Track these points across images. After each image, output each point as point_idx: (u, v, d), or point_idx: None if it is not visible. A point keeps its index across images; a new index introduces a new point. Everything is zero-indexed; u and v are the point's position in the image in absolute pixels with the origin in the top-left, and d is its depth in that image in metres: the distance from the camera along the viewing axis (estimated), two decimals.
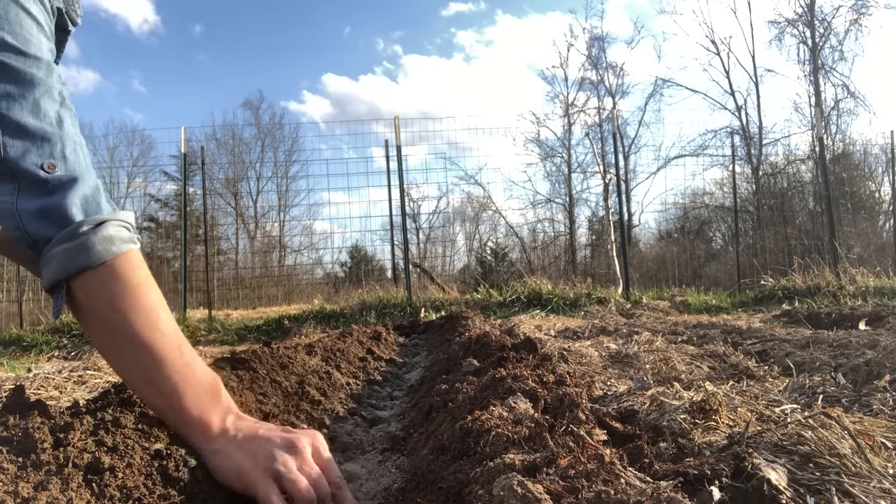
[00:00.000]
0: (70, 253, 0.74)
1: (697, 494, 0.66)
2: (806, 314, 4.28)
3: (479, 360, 1.85)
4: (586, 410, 0.96)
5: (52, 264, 0.74)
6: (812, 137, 14.75)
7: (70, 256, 0.74)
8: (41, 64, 0.77)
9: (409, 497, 0.92)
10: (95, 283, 0.75)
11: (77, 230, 0.74)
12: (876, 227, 12.71)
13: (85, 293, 0.76)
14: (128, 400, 0.93)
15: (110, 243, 0.76)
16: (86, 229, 0.75)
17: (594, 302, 6.41)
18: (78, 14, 0.96)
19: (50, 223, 0.74)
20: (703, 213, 14.16)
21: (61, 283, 0.75)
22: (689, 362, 2.06)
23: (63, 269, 0.74)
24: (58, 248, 0.74)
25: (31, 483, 0.66)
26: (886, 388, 1.35)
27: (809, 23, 17.44)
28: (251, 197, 19.61)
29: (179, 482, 0.77)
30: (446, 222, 16.26)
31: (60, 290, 0.75)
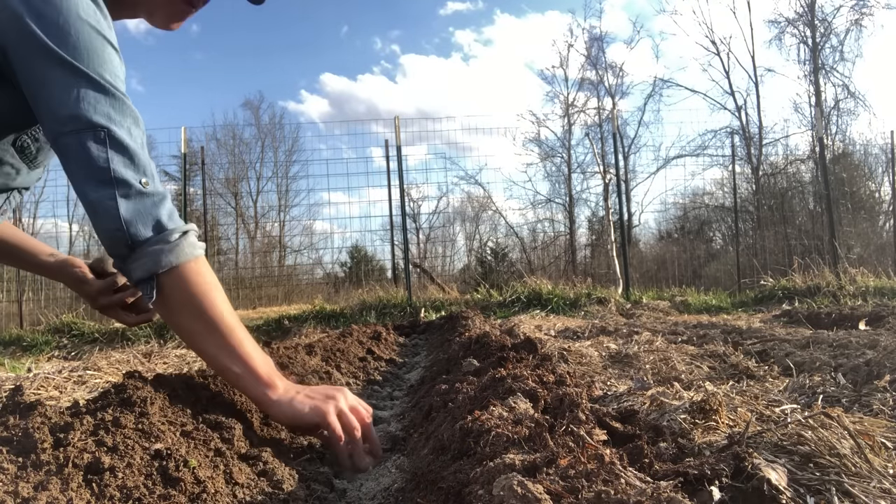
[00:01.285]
0: (165, 252, 0.92)
1: (697, 494, 0.66)
2: (806, 314, 4.28)
3: (479, 360, 1.85)
4: (586, 410, 0.96)
5: (146, 260, 0.92)
6: (812, 137, 14.75)
7: (164, 255, 0.92)
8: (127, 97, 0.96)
9: (408, 497, 0.92)
10: (184, 277, 0.94)
11: (170, 235, 0.94)
12: (876, 227, 12.71)
13: (173, 285, 0.94)
14: (128, 400, 0.93)
15: (193, 248, 0.97)
16: (177, 236, 0.94)
17: (594, 302, 6.41)
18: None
19: (148, 228, 0.92)
20: (703, 213, 14.16)
21: (153, 276, 0.93)
22: (689, 362, 2.06)
23: (158, 264, 0.92)
24: (153, 248, 0.92)
25: (31, 483, 0.66)
26: (886, 388, 1.35)
27: (810, 23, 17.45)
28: (251, 197, 19.62)
29: (179, 482, 0.77)
30: (446, 222, 16.28)
31: (151, 282, 0.93)
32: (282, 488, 0.93)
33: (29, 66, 0.92)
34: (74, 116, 0.91)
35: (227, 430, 1.01)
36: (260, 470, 0.96)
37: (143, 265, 0.93)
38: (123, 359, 3.66)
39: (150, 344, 4.99)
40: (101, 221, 0.92)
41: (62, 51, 0.91)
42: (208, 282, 0.98)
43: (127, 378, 1.05)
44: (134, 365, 3.50)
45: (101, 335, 5.55)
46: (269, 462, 0.99)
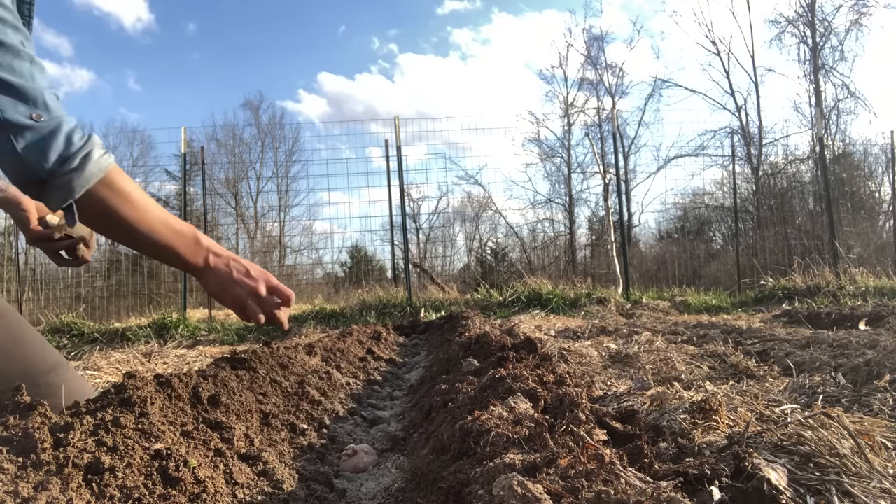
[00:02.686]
0: (73, 180, 0.94)
1: (697, 494, 0.66)
2: (806, 314, 4.28)
3: (479, 360, 1.85)
4: (586, 410, 0.96)
5: (58, 192, 0.94)
6: (812, 137, 14.74)
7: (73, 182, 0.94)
8: (6, 27, 0.91)
9: (408, 497, 0.92)
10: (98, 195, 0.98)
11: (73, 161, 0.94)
12: (876, 227, 12.70)
13: (91, 204, 0.97)
14: (128, 400, 0.93)
15: (99, 165, 0.98)
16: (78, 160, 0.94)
17: (594, 302, 6.41)
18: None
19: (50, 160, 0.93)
20: (703, 213, 14.16)
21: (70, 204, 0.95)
22: (689, 362, 2.06)
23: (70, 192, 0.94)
24: (61, 179, 0.93)
25: (31, 483, 0.66)
26: (886, 388, 1.35)
27: (810, 22, 17.44)
28: (251, 197, 19.61)
29: (179, 482, 0.77)
30: (446, 222, 16.26)
31: (71, 209, 0.96)
32: (282, 488, 0.93)
33: None
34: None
35: (227, 430, 1.01)
36: (260, 470, 0.96)
37: (57, 197, 0.95)
38: (123, 359, 3.66)
39: (150, 344, 4.99)
40: (4, 166, 0.93)
41: None
42: (121, 191, 1.01)
43: (127, 378, 1.05)
44: (134, 365, 3.50)
45: (101, 335, 5.56)
46: (269, 462, 0.99)
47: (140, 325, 5.94)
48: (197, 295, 8.41)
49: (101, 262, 10.73)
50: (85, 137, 0.97)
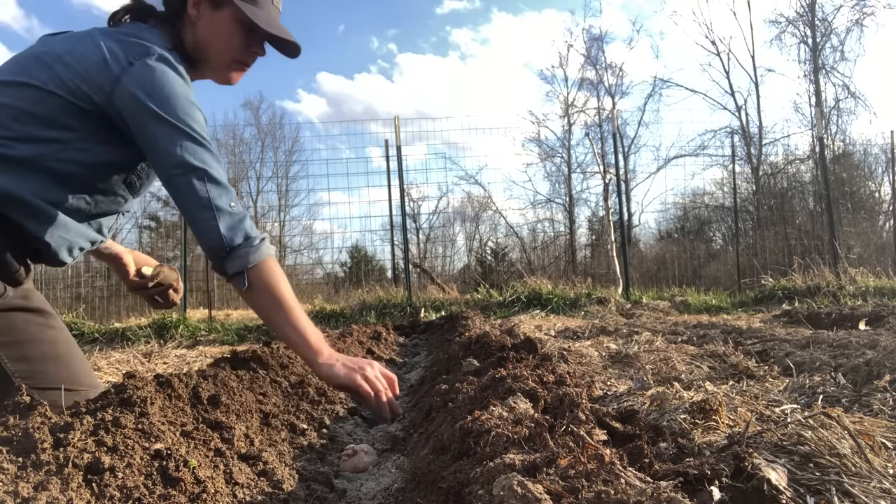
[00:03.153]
0: (251, 254, 1.30)
1: (697, 494, 0.66)
2: (806, 314, 4.28)
3: (479, 360, 1.85)
4: (586, 410, 0.96)
5: (238, 260, 1.29)
6: (812, 137, 14.74)
7: (251, 255, 1.30)
8: (212, 144, 1.33)
9: (409, 497, 0.92)
10: (263, 270, 1.32)
11: (253, 241, 1.31)
12: (876, 227, 12.70)
13: (256, 276, 1.31)
14: (128, 400, 0.93)
15: (269, 249, 1.34)
16: (257, 242, 1.32)
17: (594, 302, 6.41)
18: None
19: (239, 237, 1.30)
20: (703, 213, 14.15)
21: (244, 270, 1.30)
22: (689, 362, 2.06)
23: (247, 262, 1.29)
24: (243, 251, 1.30)
25: (31, 483, 0.66)
26: (886, 388, 1.35)
27: (810, 23, 17.44)
28: (251, 197, 19.60)
29: (179, 482, 0.77)
30: (446, 222, 16.26)
31: (243, 275, 1.30)
32: (282, 488, 0.93)
33: (143, 127, 1.26)
34: (181, 163, 1.26)
35: (227, 430, 1.01)
36: (260, 470, 0.96)
37: (236, 263, 1.29)
38: (123, 359, 3.66)
39: (150, 344, 4.99)
40: (206, 236, 1.28)
41: (168, 115, 1.25)
42: (279, 273, 1.35)
43: (127, 378, 1.05)
44: (134, 365, 3.50)
45: (102, 335, 5.55)
46: (269, 462, 0.99)
47: (140, 325, 5.94)
48: (197, 295, 8.41)
49: (100, 262, 10.71)
50: (261, 232, 1.35)
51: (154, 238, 14.76)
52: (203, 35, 1.45)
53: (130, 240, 14.39)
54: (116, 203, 1.43)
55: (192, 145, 1.28)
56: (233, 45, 1.47)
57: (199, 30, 1.45)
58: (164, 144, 1.26)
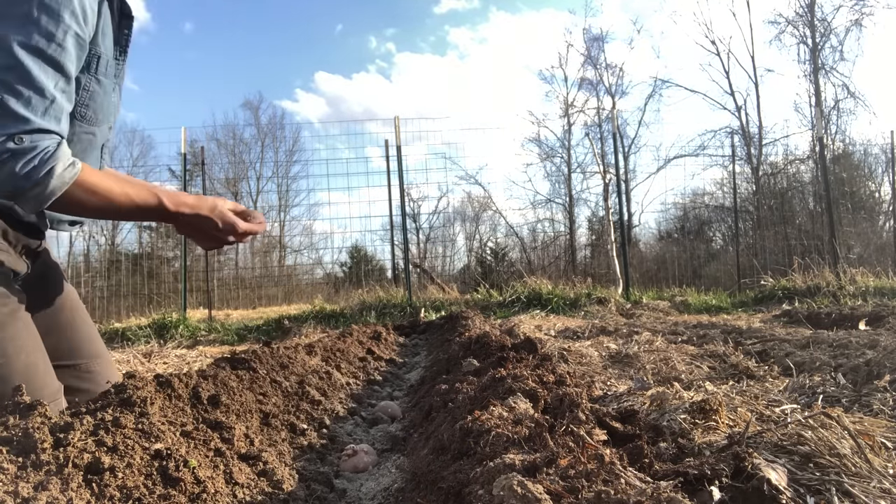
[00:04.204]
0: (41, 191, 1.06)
1: (697, 494, 0.66)
2: (806, 314, 4.28)
3: (479, 360, 1.85)
4: (586, 410, 0.96)
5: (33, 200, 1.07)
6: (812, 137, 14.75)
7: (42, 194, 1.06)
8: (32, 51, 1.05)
9: (409, 497, 0.92)
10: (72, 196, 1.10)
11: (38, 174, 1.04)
12: (876, 227, 12.70)
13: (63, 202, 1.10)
14: (128, 400, 0.93)
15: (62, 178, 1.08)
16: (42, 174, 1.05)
17: (594, 302, 6.41)
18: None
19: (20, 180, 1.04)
20: (703, 213, 14.15)
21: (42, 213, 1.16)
22: (689, 362, 2.06)
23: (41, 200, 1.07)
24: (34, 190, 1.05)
25: (31, 483, 0.66)
26: (886, 388, 1.35)
27: (809, 23, 17.44)
28: (251, 197, 19.62)
29: (179, 482, 0.77)
30: (446, 222, 16.27)
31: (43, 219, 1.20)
32: (282, 488, 0.93)
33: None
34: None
35: (227, 430, 1.01)
36: (260, 470, 0.96)
37: (30, 208, 1.10)
38: (123, 359, 3.66)
39: (150, 344, 4.99)
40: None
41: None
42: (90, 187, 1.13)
43: (127, 378, 1.05)
44: (134, 365, 3.50)
45: (102, 335, 5.55)
46: (269, 462, 0.99)
47: (140, 325, 5.94)
48: (197, 295, 8.41)
49: (101, 262, 10.73)
50: (52, 148, 1.06)
51: (154, 238, 14.76)
52: None
53: (130, 239, 14.40)
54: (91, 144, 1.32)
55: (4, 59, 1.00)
56: None
57: None
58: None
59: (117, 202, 1.17)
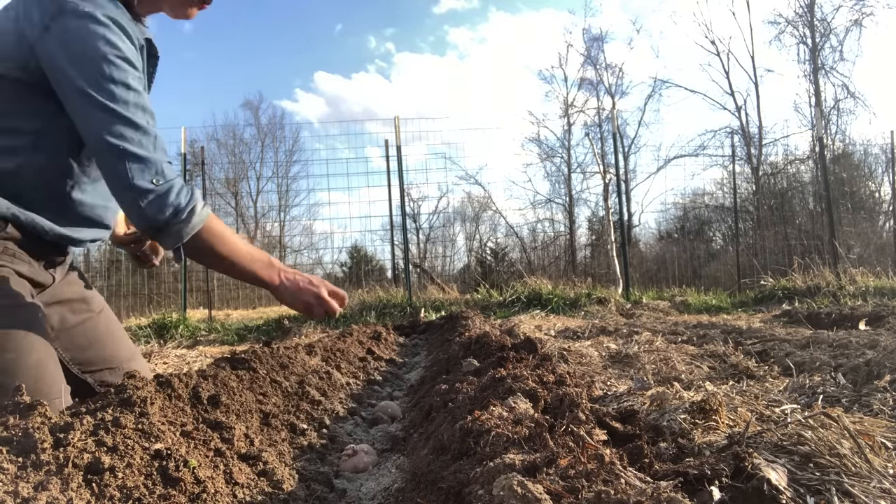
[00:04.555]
0: (183, 228, 1.24)
1: (697, 494, 0.66)
2: (806, 314, 4.28)
3: (479, 360, 1.85)
4: (586, 410, 0.96)
5: (171, 237, 1.23)
6: (812, 137, 14.75)
7: (183, 230, 1.24)
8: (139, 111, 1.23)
9: (408, 497, 0.92)
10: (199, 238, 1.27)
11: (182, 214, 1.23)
12: (876, 227, 12.70)
13: (194, 246, 1.28)
14: (128, 400, 0.93)
15: (202, 215, 1.27)
16: (185, 214, 1.23)
17: (594, 302, 6.40)
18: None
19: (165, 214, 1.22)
20: (703, 213, 14.15)
21: (179, 246, 1.25)
22: (689, 362, 2.06)
23: (179, 238, 1.24)
24: (174, 227, 1.23)
25: (31, 483, 0.66)
26: (886, 388, 1.35)
27: (809, 23, 17.44)
28: (251, 197, 19.63)
29: (179, 482, 0.77)
30: (446, 222, 16.28)
31: (179, 251, 1.27)
32: (282, 488, 0.93)
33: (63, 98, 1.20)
34: (98, 139, 1.18)
35: (227, 430, 1.01)
36: (260, 470, 0.96)
37: (169, 241, 1.25)
38: None
39: (150, 344, 4.99)
40: (132, 217, 1.24)
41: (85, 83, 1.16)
42: (218, 234, 1.31)
43: (127, 378, 1.05)
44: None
45: None
46: (269, 462, 0.99)
47: (140, 325, 5.94)
48: (197, 295, 8.41)
49: (101, 262, 10.73)
50: (189, 195, 1.25)
51: None
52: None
53: None
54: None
55: (111, 120, 1.17)
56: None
57: None
58: (84, 119, 1.19)
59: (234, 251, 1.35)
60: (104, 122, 1.17)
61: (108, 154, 1.18)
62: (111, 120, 1.17)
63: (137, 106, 1.21)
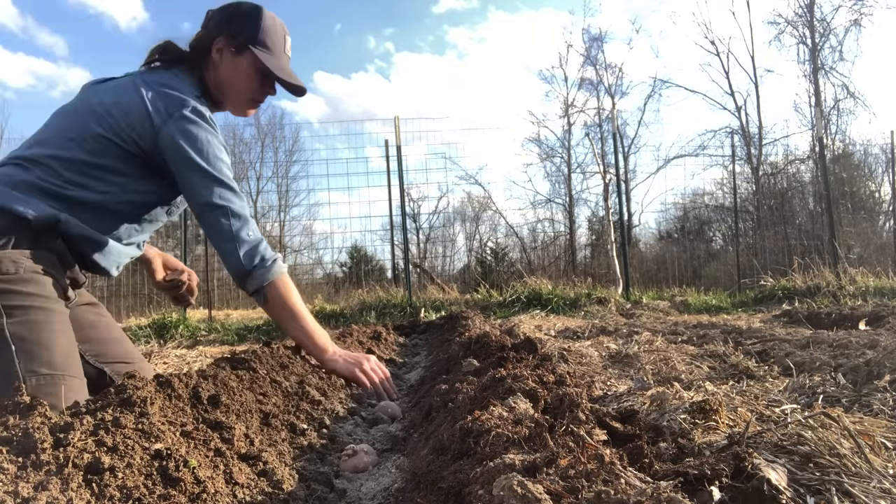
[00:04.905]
0: (265, 274, 1.61)
1: (697, 494, 0.66)
2: (806, 314, 4.28)
3: (479, 360, 1.85)
4: (586, 410, 0.96)
5: (256, 280, 1.61)
6: (812, 137, 14.76)
7: (265, 275, 1.61)
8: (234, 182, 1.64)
9: (409, 497, 0.92)
10: (276, 286, 1.63)
11: (266, 262, 1.62)
12: (876, 227, 12.70)
13: (271, 292, 1.63)
14: (128, 400, 0.93)
15: (281, 268, 1.64)
16: (270, 263, 1.62)
17: (594, 302, 6.40)
18: None
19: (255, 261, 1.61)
20: (703, 213, 14.15)
21: (261, 288, 1.62)
22: (689, 362, 2.06)
23: (263, 281, 1.61)
24: (259, 272, 1.61)
25: (31, 483, 0.66)
26: (886, 388, 1.35)
27: (809, 23, 17.45)
28: (251, 197, 19.62)
29: (179, 482, 0.77)
30: (446, 222, 16.29)
31: (260, 292, 1.63)
32: (282, 488, 0.93)
33: (181, 172, 1.55)
34: (209, 202, 1.56)
35: (227, 430, 1.01)
36: (260, 470, 0.96)
37: (254, 283, 1.60)
38: None
39: (150, 344, 4.99)
40: (229, 261, 1.59)
41: (202, 161, 1.54)
42: (290, 288, 1.66)
43: (127, 378, 1.05)
44: None
45: None
46: (269, 462, 0.99)
47: (140, 325, 5.94)
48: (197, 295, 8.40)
49: None
50: (272, 249, 1.62)
51: (154, 237, 14.76)
52: (224, 77, 1.71)
53: None
54: (155, 226, 1.73)
55: (219, 188, 1.56)
56: (251, 87, 1.73)
57: (220, 73, 1.71)
58: (197, 187, 1.55)
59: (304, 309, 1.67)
60: (217, 191, 1.55)
61: (217, 212, 1.55)
62: (222, 190, 1.56)
63: (232, 178, 1.61)
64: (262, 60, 1.66)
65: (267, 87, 1.75)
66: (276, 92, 1.79)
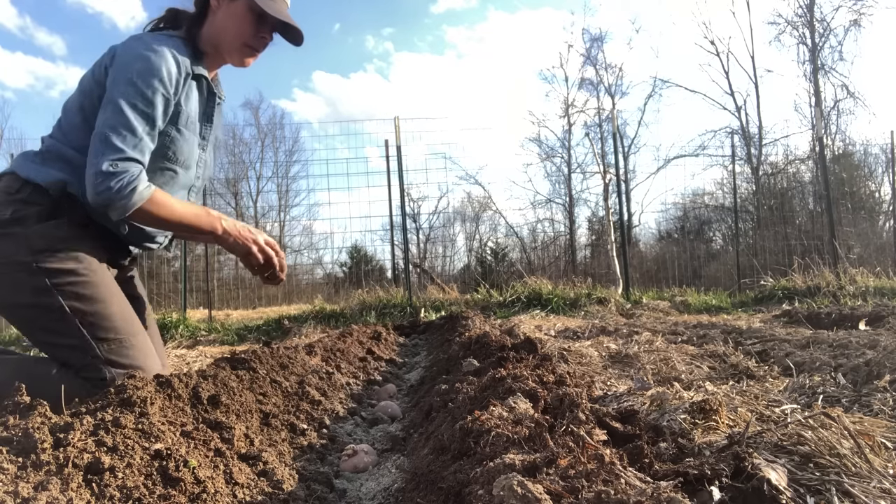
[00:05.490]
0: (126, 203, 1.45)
1: (697, 494, 0.66)
2: (806, 314, 4.27)
3: (479, 360, 1.85)
4: (586, 410, 0.96)
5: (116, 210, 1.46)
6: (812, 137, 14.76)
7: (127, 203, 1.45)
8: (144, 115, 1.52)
9: (408, 497, 0.92)
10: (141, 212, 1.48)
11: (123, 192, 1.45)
12: (876, 227, 12.69)
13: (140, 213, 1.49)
14: (128, 400, 0.93)
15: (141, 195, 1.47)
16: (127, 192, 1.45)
17: (594, 302, 6.40)
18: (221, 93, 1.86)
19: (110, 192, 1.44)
20: (703, 213, 14.14)
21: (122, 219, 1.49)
22: (689, 362, 2.06)
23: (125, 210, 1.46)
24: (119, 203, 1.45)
25: (31, 483, 0.66)
26: (886, 388, 1.35)
27: (809, 23, 17.44)
28: (251, 197, 19.65)
29: (179, 482, 0.77)
30: (446, 222, 16.29)
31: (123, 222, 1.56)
32: (282, 488, 0.93)
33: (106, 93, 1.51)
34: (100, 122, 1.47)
35: (226, 430, 1.01)
36: (260, 470, 0.96)
37: (115, 214, 1.47)
38: None
39: None
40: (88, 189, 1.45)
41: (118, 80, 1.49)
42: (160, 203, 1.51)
43: (127, 378, 1.05)
44: None
45: None
46: (269, 462, 0.99)
47: None
48: (197, 295, 8.40)
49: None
50: (134, 181, 1.45)
51: None
52: (220, 22, 1.68)
53: None
54: (173, 180, 1.69)
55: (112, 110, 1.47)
56: (244, 30, 1.67)
57: (217, 18, 1.68)
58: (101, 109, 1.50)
59: (177, 214, 1.55)
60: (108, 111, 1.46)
61: (96, 139, 1.45)
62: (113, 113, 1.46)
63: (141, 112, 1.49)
64: (256, 1, 1.63)
65: (263, 31, 1.70)
66: (273, 38, 1.74)
